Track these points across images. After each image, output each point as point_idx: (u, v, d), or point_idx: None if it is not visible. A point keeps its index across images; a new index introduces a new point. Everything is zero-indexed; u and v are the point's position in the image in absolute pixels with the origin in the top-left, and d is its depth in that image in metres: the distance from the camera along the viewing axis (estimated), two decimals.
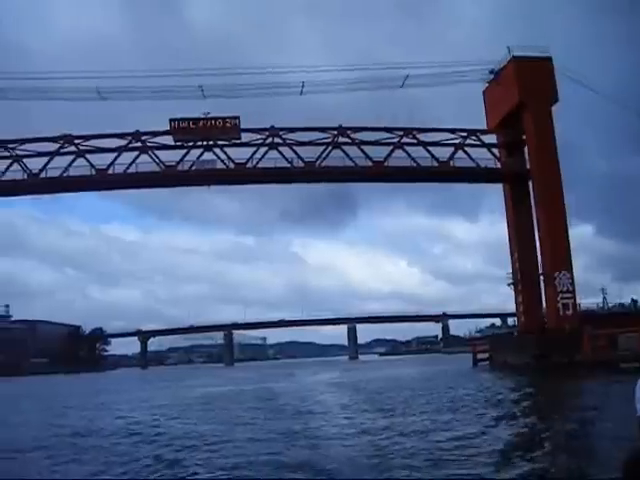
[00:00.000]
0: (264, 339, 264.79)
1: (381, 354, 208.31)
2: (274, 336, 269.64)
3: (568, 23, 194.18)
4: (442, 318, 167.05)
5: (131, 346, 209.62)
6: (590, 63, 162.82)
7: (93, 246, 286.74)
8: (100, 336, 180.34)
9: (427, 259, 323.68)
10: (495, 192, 64.27)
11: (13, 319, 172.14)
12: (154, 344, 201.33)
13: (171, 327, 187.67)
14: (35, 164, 56.83)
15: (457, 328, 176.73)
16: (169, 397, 43.33)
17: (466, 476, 12.19)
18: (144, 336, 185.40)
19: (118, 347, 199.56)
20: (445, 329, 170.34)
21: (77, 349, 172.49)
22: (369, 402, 31.03)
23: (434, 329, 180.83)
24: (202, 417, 26.99)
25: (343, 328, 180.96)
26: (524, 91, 56.73)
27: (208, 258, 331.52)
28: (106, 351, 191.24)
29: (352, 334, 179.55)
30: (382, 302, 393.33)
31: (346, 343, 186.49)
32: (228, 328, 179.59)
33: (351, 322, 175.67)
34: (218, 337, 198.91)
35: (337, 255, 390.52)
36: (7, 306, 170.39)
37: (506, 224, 61.46)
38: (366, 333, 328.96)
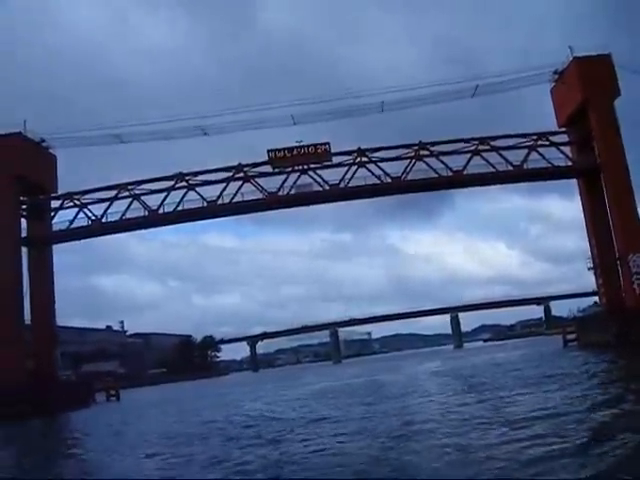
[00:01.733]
0: (369, 334, 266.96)
1: (485, 340, 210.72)
2: (378, 330, 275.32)
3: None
4: (543, 300, 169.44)
5: (240, 350, 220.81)
6: None
7: (194, 256, 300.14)
8: (211, 343, 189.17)
9: (526, 240, 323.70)
10: None
11: (129, 333, 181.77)
12: (262, 347, 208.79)
13: (278, 329, 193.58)
14: (152, 201, 65.47)
15: (561, 308, 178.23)
16: (290, 393, 49.29)
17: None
18: (253, 340, 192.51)
19: (227, 352, 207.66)
20: (547, 311, 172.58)
21: (190, 357, 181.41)
22: (461, 384, 37.27)
23: (537, 311, 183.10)
24: (321, 405, 34.00)
25: (447, 317, 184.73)
26: (587, 89, 61.47)
27: (307, 258, 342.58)
28: (217, 357, 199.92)
29: (455, 323, 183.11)
30: (484, 288, 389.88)
31: (450, 332, 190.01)
32: (333, 326, 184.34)
33: (453, 311, 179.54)
34: (323, 335, 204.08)
35: (435, 244, 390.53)
36: (122, 322, 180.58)
37: (582, 214, 66.46)
38: (470, 320, 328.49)
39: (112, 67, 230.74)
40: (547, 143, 65.27)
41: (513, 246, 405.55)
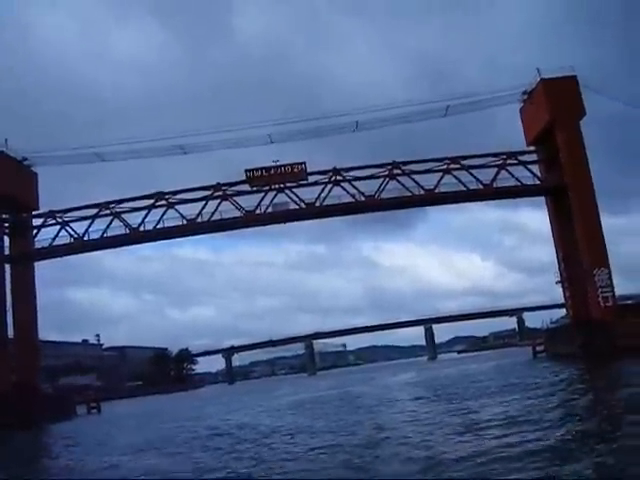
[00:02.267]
0: (344, 345, 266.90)
1: (459, 352, 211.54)
2: (354, 342, 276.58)
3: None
4: (516, 312, 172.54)
5: (215, 363, 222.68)
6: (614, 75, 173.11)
7: (169, 269, 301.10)
8: (186, 356, 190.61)
9: (500, 252, 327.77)
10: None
11: (105, 347, 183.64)
12: (237, 359, 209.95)
13: (253, 342, 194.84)
14: (133, 219, 67.58)
15: (534, 320, 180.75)
16: (264, 405, 51.36)
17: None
18: (228, 353, 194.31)
19: (203, 365, 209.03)
20: (520, 322, 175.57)
21: (166, 370, 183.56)
22: (432, 394, 39.73)
23: (511, 322, 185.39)
24: (294, 416, 36.47)
25: (421, 329, 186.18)
26: (554, 109, 64.41)
27: (282, 270, 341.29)
28: (193, 370, 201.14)
29: (429, 335, 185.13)
30: (458, 299, 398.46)
31: (425, 343, 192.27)
32: (308, 338, 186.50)
33: (427, 323, 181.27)
34: (299, 348, 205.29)
35: (409, 256, 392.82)
36: (98, 335, 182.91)
37: (550, 229, 69.46)
38: (445, 332, 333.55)
39: (86, 82, 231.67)
40: (516, 162, 67.92)
41: (487, 258, 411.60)
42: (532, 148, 70.51)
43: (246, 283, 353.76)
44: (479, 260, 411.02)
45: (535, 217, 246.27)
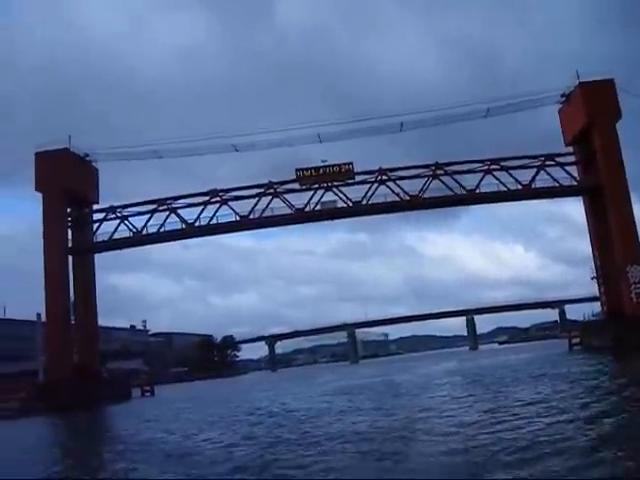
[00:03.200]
0: (386, 335, 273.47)
1: (500, 343, 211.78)
2: (395, 331, 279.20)
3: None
4: (558, 304, 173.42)
5: (257, 350, 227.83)
6: None
7: (210, 256, 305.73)
8: (231, 343, 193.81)
9: (543, 243, 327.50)
10: None
11: (151, 332, 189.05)
12: (280, 347, 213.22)
13: (296, 330, 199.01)
14: (188, 214, 72.74)
15: (577, 312, 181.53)
16: (311, 391, 54.34)
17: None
18: (271, 340, 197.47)
19: (245, 352, 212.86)
20: (562, 314, 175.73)
21: (210, 357, 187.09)
22: (468, 382, 43.01)
23: (553, 314, 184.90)
24: (341, 400, 39.52)
25: (463, 319, 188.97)
26: (591, 111, 67.83)
27: (323, 258, 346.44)
28: (237, 357, 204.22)
29: (471, 325, 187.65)
30: (501, 290, 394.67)
31: (466, 334, 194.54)
32: (351, 327, 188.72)
33: (469, 314, 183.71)
34: (341, 336, 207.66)
35: (453, 246, 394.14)
36: (144, 321, 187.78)
37: (587, 228, 72.82)
38: (488, 322, 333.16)
39: (134, 74, 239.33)
40: (553, 163, 71.36)
41: (531, 248, 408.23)
42: (569, 150, 73.85)
43: (288, 271, 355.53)
44: (522, 251, 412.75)
45: (579, 209, 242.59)
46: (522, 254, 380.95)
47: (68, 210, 73.35)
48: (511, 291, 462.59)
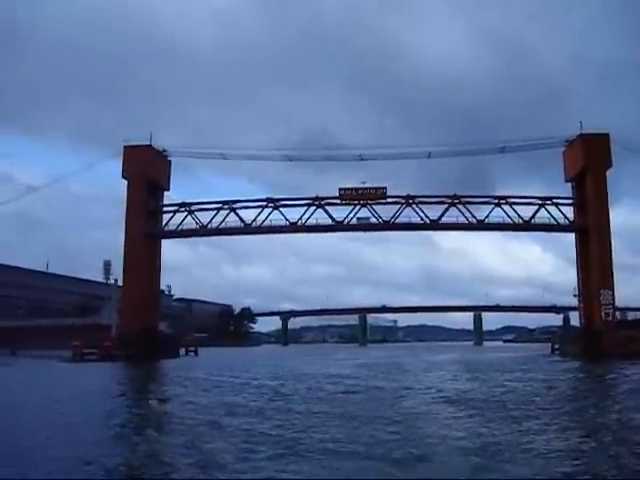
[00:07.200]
0: (395, 322, 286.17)
1: (505, 341, 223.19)
2: (404, 319, 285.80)
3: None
4: (563, 310, 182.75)
5: (268, 324, 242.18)
6: None
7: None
8: (248, 315, 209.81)
9: (562, 246, 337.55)
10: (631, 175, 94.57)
11: (175, 297, 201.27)
12: (290, 322, 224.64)
13: (306, 308, 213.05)
14: (245, 214, 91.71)
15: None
16: (332, 366, 64.63)
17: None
18: (285, 316, 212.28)
19: (257, 325, 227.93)
20: (566, 320, 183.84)
21: (228, 326, 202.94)
22: (463, 369, 55.94)
23: (559, 319, 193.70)
24: (363, 371, 52.98)
25: (471, 315, 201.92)
26: (587, 159, 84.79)
27: (339, 239, 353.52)
28: (252, 329, 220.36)
29: (477, 321, 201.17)
30: (513, 289, 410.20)
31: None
32: (363, 311, 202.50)
33: (477, 310, 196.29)
34: (351, 318, 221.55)
35: (470, 240, 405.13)
36: (169, 286, 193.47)
37: (575, 255, 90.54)
38: (496, 320, 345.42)
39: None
40: (550, 203, 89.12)
41: (548, 250, 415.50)
42: (565, 195, 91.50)
43: (303, 249, 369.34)
44: (539, 252, 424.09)
45: None
46: (538, 255, 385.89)
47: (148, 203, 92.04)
48: (523, 291, 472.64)
